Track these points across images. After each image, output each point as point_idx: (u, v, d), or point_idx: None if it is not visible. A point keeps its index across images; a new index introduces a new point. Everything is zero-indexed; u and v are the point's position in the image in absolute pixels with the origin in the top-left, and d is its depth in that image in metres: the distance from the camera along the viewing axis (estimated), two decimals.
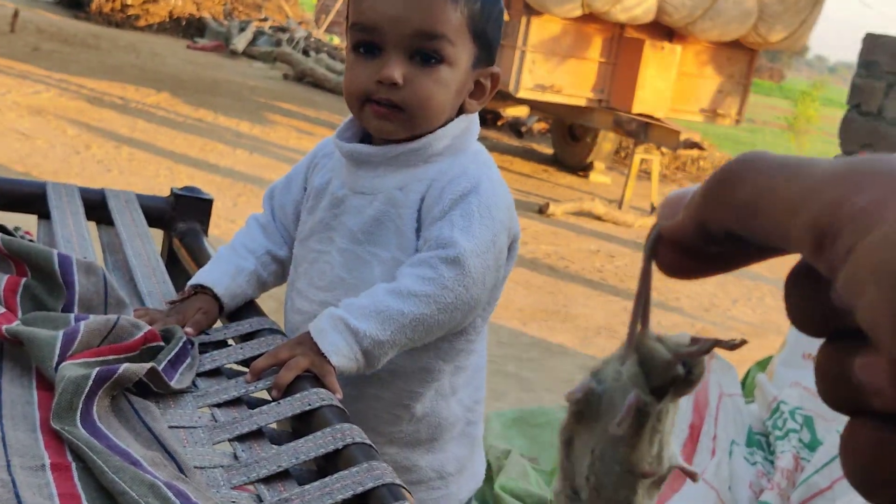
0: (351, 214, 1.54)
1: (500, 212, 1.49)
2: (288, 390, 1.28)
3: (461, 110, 1.55)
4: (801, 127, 17.65)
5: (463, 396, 1.62)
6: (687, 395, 0.40)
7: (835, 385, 0.33)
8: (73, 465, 1.04)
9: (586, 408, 0.40)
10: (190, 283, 1.56)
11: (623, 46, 10.01)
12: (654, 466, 0.40)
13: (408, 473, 1.57)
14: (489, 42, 1.52)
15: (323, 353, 1.34)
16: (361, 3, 1.49)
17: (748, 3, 9.71)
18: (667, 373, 0.39)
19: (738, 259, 0.39)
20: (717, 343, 0.39)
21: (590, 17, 9.54)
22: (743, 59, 10.52)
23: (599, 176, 11.48)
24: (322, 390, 1.25)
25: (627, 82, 9.94)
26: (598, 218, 9.46)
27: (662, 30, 9.96)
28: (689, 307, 7.25)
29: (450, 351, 1.54)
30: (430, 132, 1.51)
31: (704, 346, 0.39)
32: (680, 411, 2.69)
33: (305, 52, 16.85)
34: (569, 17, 9.46)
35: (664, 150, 10.62)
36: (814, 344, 0.34)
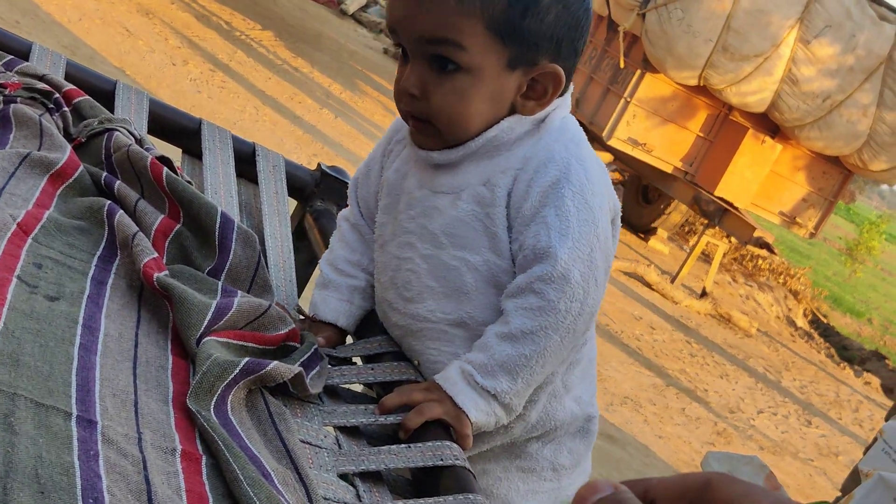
0: (431, 217, 1.39)
1: (598, 196, 1.34)
2: (415, 433, 1.20)
3: (513, 111, 1.38)
4: (861, 256, 17.43)
5: (579, 392, 1.49)
6: None
7: None
8: (204, 458, 0.97)
9: None
10: (311, 311, 1.48)
11: (726, 128, 9.89)
12: None
13: (518, 459, 1.47)
14: (532, 40, 1.33)
15: (458, 406, 1.26)
16: (389, 4, 1.37)
17: (861, 126, 9.54)
18: None
19: None
20: None
21: (702, 90, 9.44)
22: (837, 177, 10.35)
23: (659, 244, 11.35)
24: (455, 445, 1.17)
25: (719, 164, 9.81)
26: (649, 285, 9.35)
27: (769, 124, 9.82)
28: (715, 404, 7.12)
29: None
30: (481, 133, 1.37)
31: None
32: None
33: None
34: (682, 83, 9.37)
35: (732, 239, 10.47)
36: None
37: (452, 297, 1.38)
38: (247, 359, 1.08)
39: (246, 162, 1.76)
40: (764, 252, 11.30)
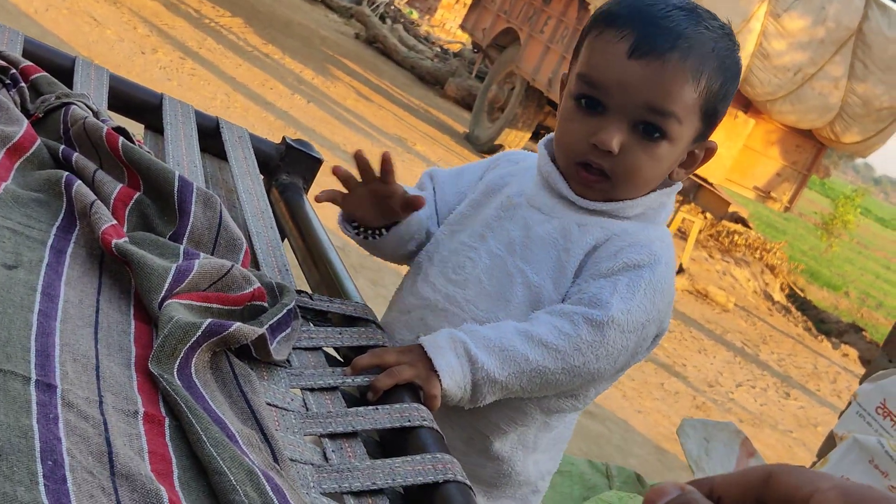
0: (517, 223, 1.45)
1: (663, 301, 1.40)
2: (384, 396, 1.19)
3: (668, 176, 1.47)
4: (836, 230, 17.52)
5: (540, 459, 1.52)
6: None
7: None
8: (167, 420, 0.96)
9: None
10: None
11: None
12: None
13: None
14: (717, 118, 1.42)
15: (433, 370, 1.25)
16: (595, 56, 1.38)
17: (832, 99, 9.59)
18: None
19: None
20: None
21: None
22: (810, 150, 10.40)
23: None
24: (423, 407, 1.16)
25: None
26: None
27: (741, 99, 9.84)
28: (693, 378, 7.16)
29: (551, 404, 1.45)
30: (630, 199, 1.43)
31: None
32: None
33: (382, 18, 16.77)
34: None
35: (708, 215, 10.50)
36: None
37: (493, 299, 1.42)
38: (209, 320, 1.06)
39: (210, 136, 1.75)
40: (739, 227, 11.35)
